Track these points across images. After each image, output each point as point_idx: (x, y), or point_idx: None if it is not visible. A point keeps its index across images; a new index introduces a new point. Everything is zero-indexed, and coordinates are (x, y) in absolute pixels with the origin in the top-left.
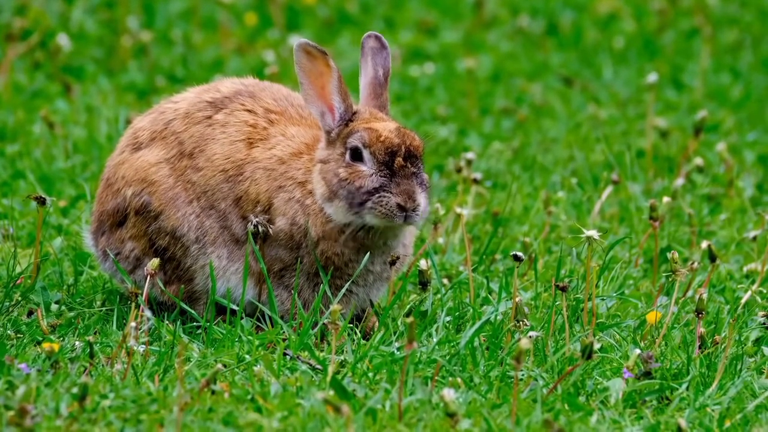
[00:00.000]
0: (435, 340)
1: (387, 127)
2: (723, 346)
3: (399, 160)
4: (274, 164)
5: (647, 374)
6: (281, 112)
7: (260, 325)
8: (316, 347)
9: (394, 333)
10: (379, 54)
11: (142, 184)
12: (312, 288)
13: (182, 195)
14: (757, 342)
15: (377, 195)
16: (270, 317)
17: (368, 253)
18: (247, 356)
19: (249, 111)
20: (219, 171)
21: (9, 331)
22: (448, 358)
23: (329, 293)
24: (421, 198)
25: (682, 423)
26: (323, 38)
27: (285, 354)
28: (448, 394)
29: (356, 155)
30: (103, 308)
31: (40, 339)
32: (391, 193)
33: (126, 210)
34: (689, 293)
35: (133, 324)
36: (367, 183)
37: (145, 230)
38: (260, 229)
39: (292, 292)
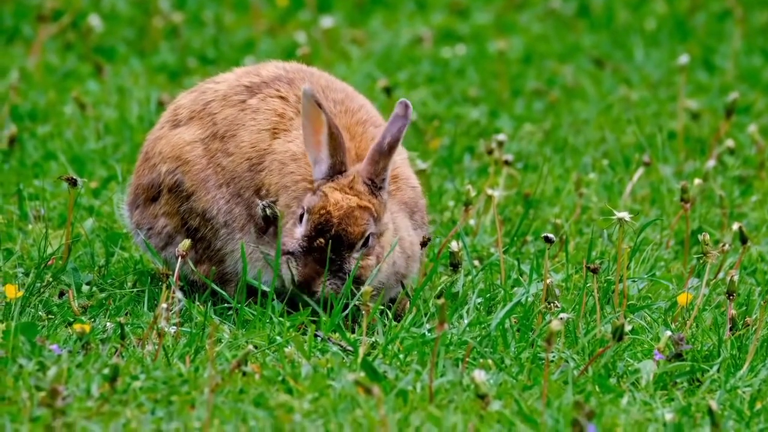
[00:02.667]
0: (466, 321)
1: (340, 202)
2: (754, 328)
3: (321, 240)
4: (287, 159)
5: (678, 356)
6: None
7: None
8: (347, 329)
9: (425, 314)
10: (395, 122)
11: (176, 162)
12: None
13: (213, 178)
14: None
15: (287, 259)
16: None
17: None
18: (278, 337)
19: (282, 98)
20: (245, 158)
21: (40, 312)
22: (479, 339)
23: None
24: (318, 287)
25: (713, 405)
26: (355, 20)
27: (316, 335)
28: (479, 375)
29: (301, 217)
30: (134, 289)
31: (72, 320)
32: (297, 265)
33: (160, 186)
34: (720, 275)
35: (164, 305)
36: (287, 244)
37: (178, 209)
38: (268, 211)
39: None
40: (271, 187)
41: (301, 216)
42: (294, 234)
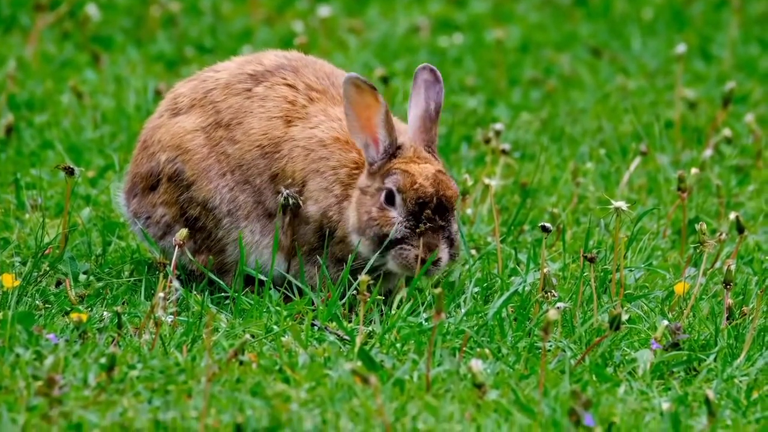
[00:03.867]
0: (463, 311)
1: (424, 172)
2: (751, 318)
3: (428, 212)
4: (313, 145)
5: (675, 345)
6: (323, 91)
7: (288, 295)
8: (344, 318)
9: (422, 304)
10: (432, 88)
11: (176, 151)
12: (337, 270)
13: (216, 166)
14: None
15: (399, 246)
16: (299, 288)
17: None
18: (275, 327)
19: (290, 86)
20: (255, 146)
21: (37, 302)
22: (476, 329)
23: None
24: (444, 253)
25: (710, 394)
26: (352, 9)
27: (313, 325)
28: (476, 364)
29: (389, 198)
30: (131, 278)
31: (69, 309)
32: (412, 246)
33: (159, 175)
34: (717, 264)
35: (161, 294)
36: (392, 232)
37: (177, 198)
38: (291, 201)
39: (319, 270)
40: (295, 174)
41: (390, 196)
42: (392, 221)
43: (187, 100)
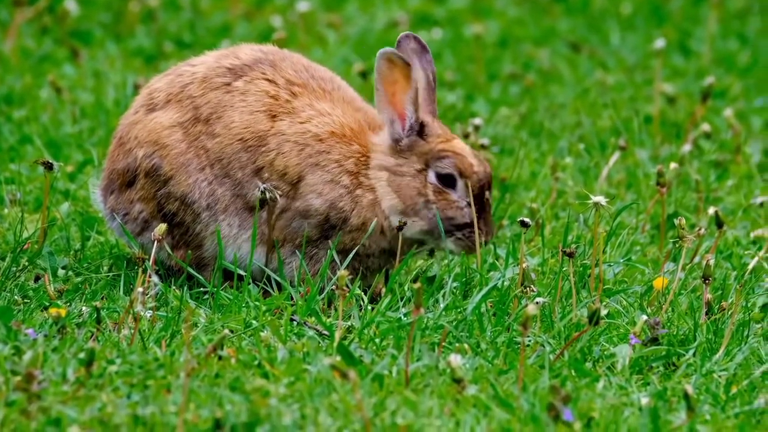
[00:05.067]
0: (442, 306)
1: (468, 150)
2: (730, 312)
3: (487, 194)
4: (308, 140)
5: (654, 340)
6: (303, 85)
7: (267, 290)
8: (324, 313)
9: (401, 299)
10: (423, 56)
11: (153, 147)
12: (330, 265)
13: (194, 161)
14: (764, 308)
15: (468, 230)
16: (278, 283)
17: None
18: (254, 322)
19: (270, 81)
20: (237, 139)
21: (16, 297)
22: (455, 324)
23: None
24: (494, 227)
25: (689, 389)
26: (331, 4)
27: (292, 320)
28: (455, 359)
29: (447, 182)
30: (110, 273)
31: (47, 304)
32: (480, 230)
33: (136, 171)
34: (696, 259)
35: (140, 289)
36: (459, 216)
37: (154, 193)
38: (268, 195)
39: (308, 263)
40: (288, 169)
41: (450, 180)
42: (456, 205)
43: (163, 95)
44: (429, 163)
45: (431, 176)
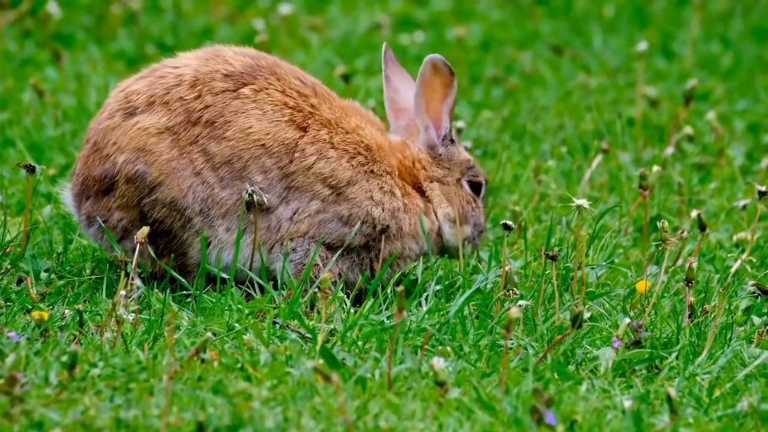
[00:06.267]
0: (425, 308)
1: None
2: (713, 315)
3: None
4: (360, 149)
5: (637, 343)
6: (315, 94)
7: (250, 293)
8: (306, 316)
9: (384, 301)
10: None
11: (137, 153)
12: (358, 267)
13: (189, 166)
14: (747, 311)
15: (485, 233)
16: (260, 286)
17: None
18: (236, 325)
19: (281, 92)
20: (257, 145)
21: None
22: (437, 326)
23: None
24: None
25: (672, 392)
26: (313, 6)
27: (274, 322)
28: (438, 363)
29: (476, 189)
30: (93, 276)
31: (30, 307)
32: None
33: (115, 177)
34: (679, 262)
35: (122, 292)
36: (484, 222)
37: (138, 201)
38: (255, 198)
39: (337, 268)
40: (337, 173)
41: (478, 188)
42: (482, 211)
43: (143, 97)
44: (463, 173)
45: (465, 186)
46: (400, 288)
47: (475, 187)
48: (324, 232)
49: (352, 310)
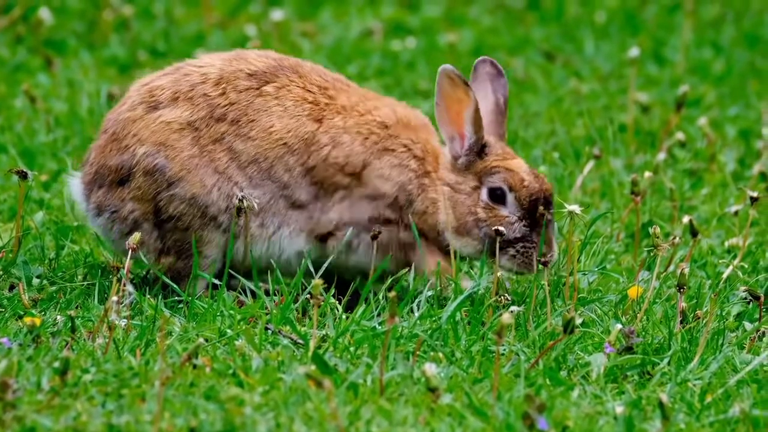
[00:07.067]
0: (416, 314)
1: (524, 168)
2: (704, 321)
3: (540, 208)
4: (373, 127)
5: (629, 349)
6: (335, 86)
7: (242, 299)
8: (299, 322)
9: (376, 307)
10: (497, 80)
11: (158, 146)
12: (401, 248)
13: (212, 163)
14: (739, 317)
15: (521, 245)
16: (252, 291)
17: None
18: (228, 330)
19: (302, 88)
20: (279, 144)
21: None
22: (429, 332)
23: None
24: (556, 247)
25: (664, 398)
26: (305, 13)
27: (266, 328)
28: (430, 368)
29: (497, 197)
30: (85, 282)
31: (22, 313)
32: (534, 244)
33: (132, 168)
34: (671, 268)
35: (114, 298)
36: (509, 231)
37: (154, 195)
38: (245, 203)
39: (375, 245)
40: (351, 158)
41: (499, 195)
42: (507, 220)
43: (168, 92)
44: (482, 180)
45: (483, 193)
46: (392, 294)
47: (495, 194)
48: (358, 212)
49: (343, 316)
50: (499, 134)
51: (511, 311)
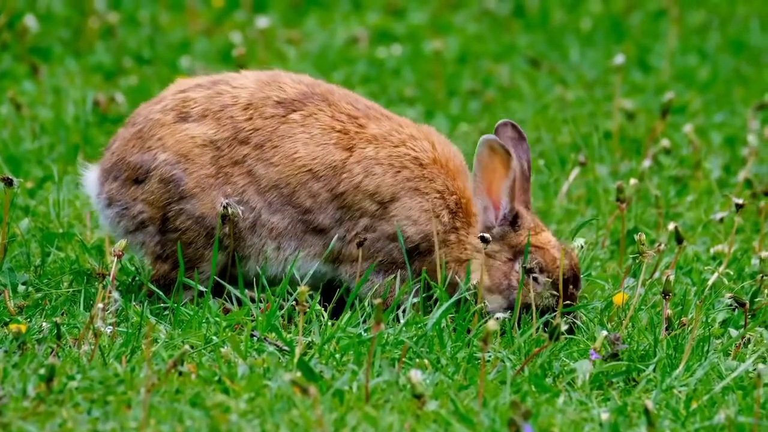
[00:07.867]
0: (402, 321)
1: (553, 243)
2: (690, 328)
3: (571, 287)
4: (406, 162)
5: (614, 356)
6: (366, 116)
7: (227, 306)
8: (285, 329)
9: (362, 314)
10: (519, 146)
11: (179, 157)
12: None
13: (226, 186)
14: (724, 323)
15: (548, 312)
16: (238, 298)
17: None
18: (214, 337)
19: (331, 117)
20: (304, 171)
21: None
22: (415, 339)
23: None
24: (578, 321)
25: (649, 404)
26: (290, 20)
27: (252, 335)
28: (415, 375)
29: (530, 273)
30: (71, 289)
31: (7, 320)
32: (556, 312)
33: (150, 171)
34: (656, 275)
35: (100, 305)
36: (538, 300)
37: (165, 204)
38: (230, 210)
39: (389, 280)
40: (381, 188)
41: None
42: (533, 293)
43: (199, 108)
44: (516, 256)
45: (517, 266)
46: (378, 301)
47: (529, 271)
48: (375, 250)
49: (329, 323)
50: (524, 201)
51: (497, 318)
